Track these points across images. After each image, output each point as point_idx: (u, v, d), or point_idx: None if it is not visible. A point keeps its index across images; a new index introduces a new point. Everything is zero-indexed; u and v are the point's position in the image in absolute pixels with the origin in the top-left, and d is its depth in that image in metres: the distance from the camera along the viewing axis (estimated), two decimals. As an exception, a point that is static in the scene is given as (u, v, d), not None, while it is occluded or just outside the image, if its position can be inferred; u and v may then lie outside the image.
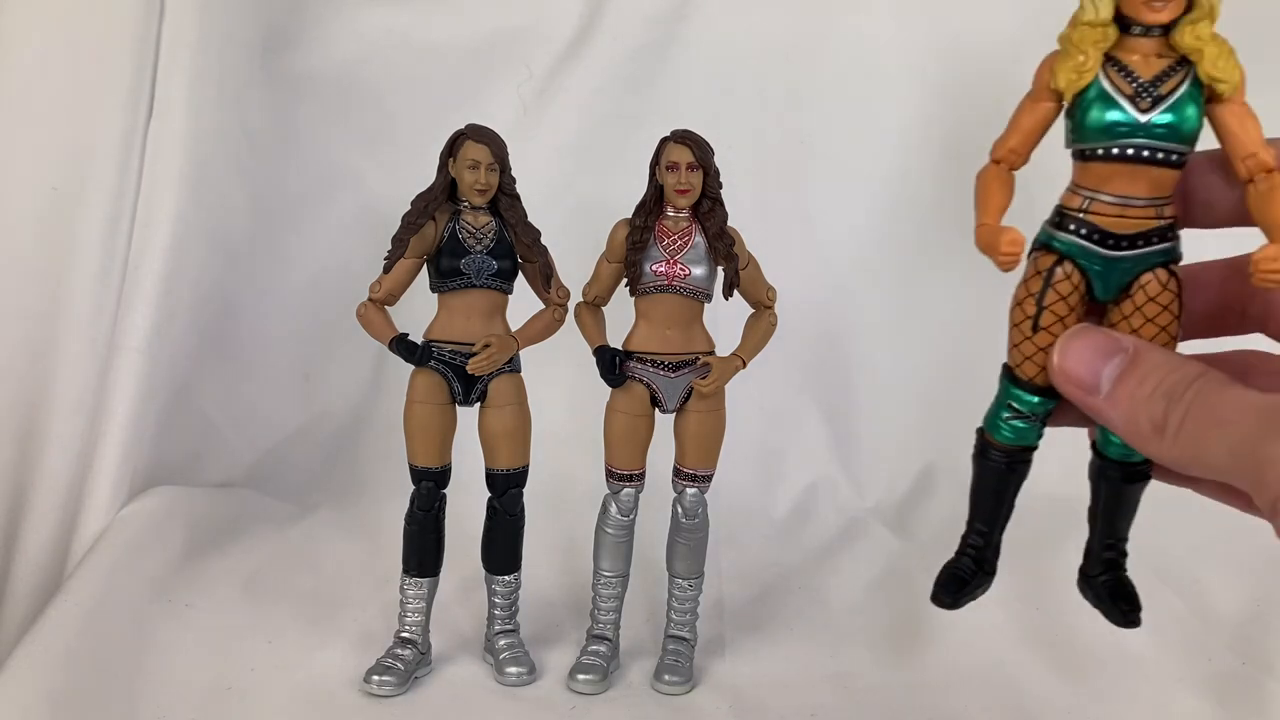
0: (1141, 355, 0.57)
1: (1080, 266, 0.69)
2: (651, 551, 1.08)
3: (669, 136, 0.96)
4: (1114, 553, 0.74)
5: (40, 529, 1.11)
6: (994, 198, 0.72)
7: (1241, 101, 0.67)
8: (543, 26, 1.54)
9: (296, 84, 1.48)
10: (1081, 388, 0.59)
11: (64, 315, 1.14)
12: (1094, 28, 0.67)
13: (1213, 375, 0.53)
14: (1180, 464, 0.52)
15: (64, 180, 1.13)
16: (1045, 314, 0.69)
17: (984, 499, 0.76)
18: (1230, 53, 0.66)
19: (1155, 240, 0.67)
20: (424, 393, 0.97)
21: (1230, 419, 0.49)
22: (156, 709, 0.88)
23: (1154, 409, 0.53)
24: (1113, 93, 0.67)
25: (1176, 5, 0.65)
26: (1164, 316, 0.67)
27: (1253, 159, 0.65)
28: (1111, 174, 0.67)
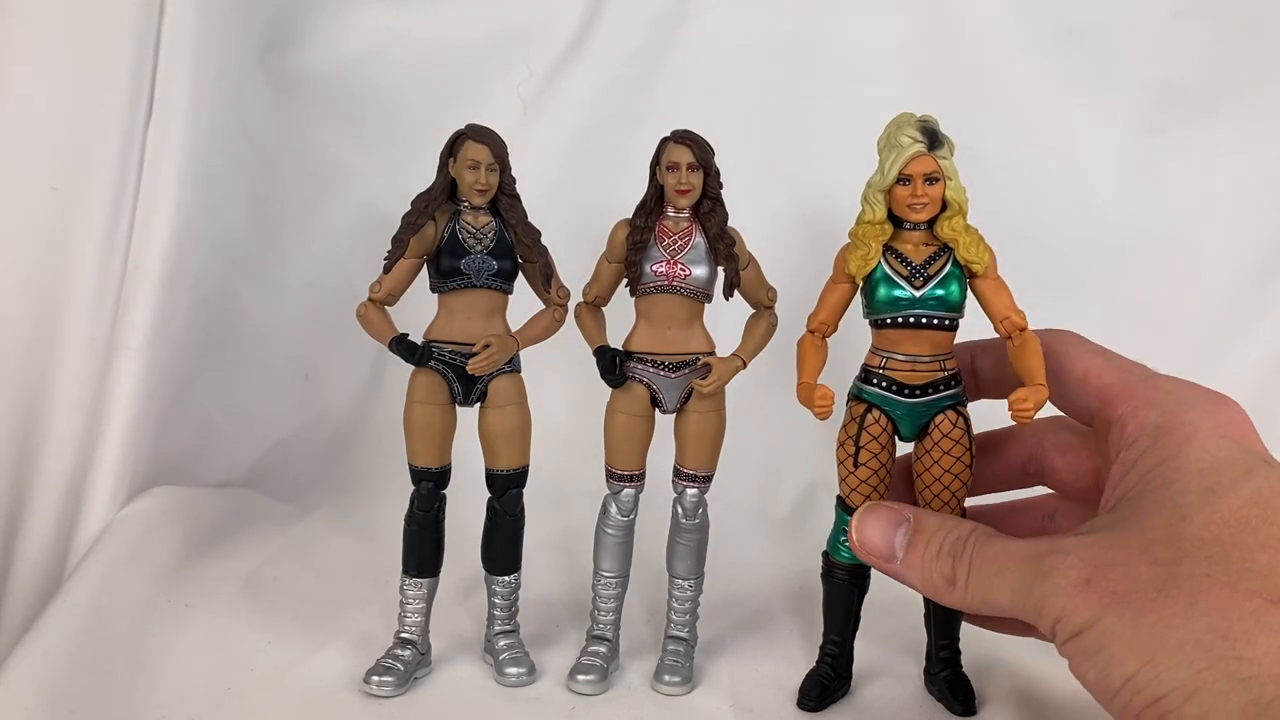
0: (921, 522, 0.68)
1: (885, 412, 0.87)
2: (651, 552, 1.08)
3: (669, 136, 0.96)
4: (948, 651, 0.91)
5: (40, 529, 1.11)
6: (809, 361, 0.90)
7: (995, 276, 0.85)
8: (543, 26, 1.54)
9: (296, 84, 1.48)
10: (880, 556, 0.70)
11: (64, 315, 1.14)
12: (872, 225, 0.86)
13: (981, 530, 0.63)
14: (974, 609, 0.62)
15: (63, 180, 1.13)
16: (862, 452, 0.87)
17: (834, 613, 0.94)
18: (979, 240, 0.84)
19: (942, 388, 0.85)
20: (424, 393, 0.97)
21: (1006, 567, 0.58)
22: (156, 709, 0.88)
23: (943, 566, 0.63)
24: (893, 275, 0.85)
25: (933, 207, 0.85)
26: (956, 449, 0.84)
27: (1007, 320, 0.83)
28: (900, 338, 0.86)
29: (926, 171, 0.83)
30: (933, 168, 0.83)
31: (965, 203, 0.84)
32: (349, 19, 1.51)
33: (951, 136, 0.85)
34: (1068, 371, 0.71)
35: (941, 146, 0.84)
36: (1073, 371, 0.70)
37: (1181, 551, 0.50)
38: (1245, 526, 0.50)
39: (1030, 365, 0.79)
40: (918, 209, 0.84)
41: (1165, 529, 0.51)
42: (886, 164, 0.85)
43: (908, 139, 0.84)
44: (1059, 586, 0.53)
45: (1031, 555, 0.56)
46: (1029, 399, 0.76)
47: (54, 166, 1.13)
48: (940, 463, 0.84)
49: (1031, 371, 0.79)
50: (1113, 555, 0.52)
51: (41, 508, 1.11)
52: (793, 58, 1.52)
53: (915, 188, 0.83)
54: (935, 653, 0.92)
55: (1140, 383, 0.63)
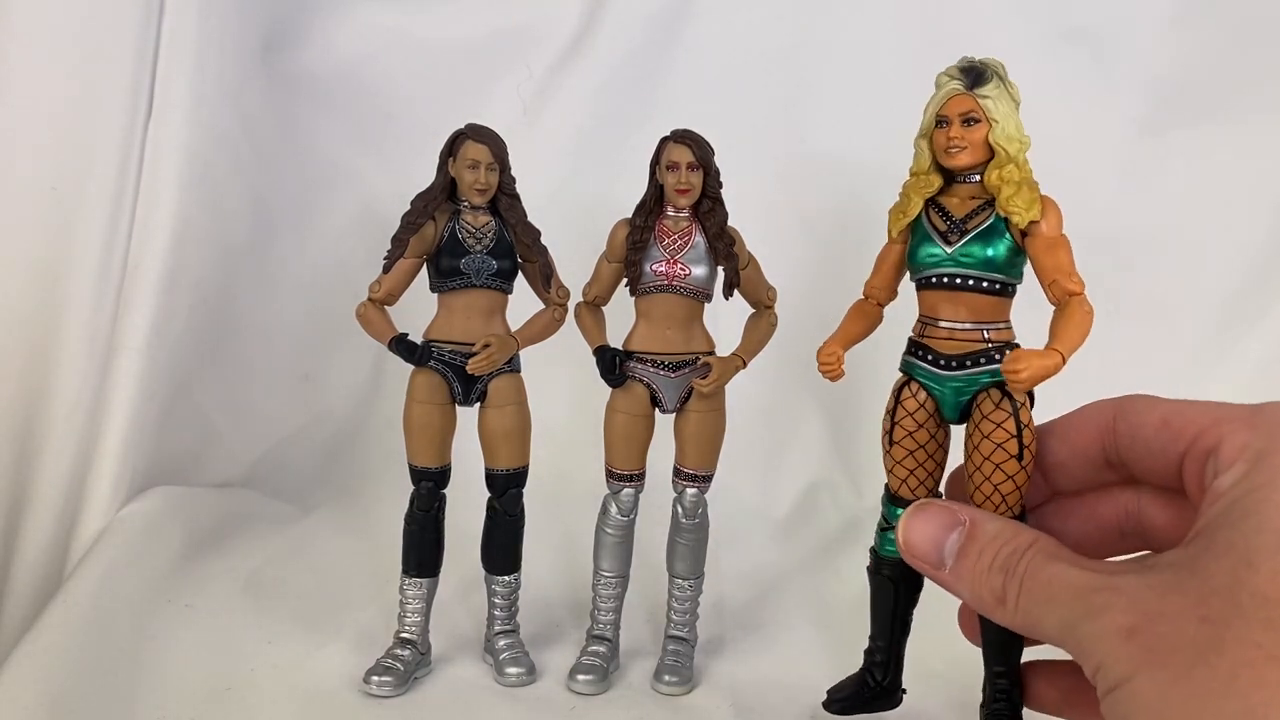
0: (978, 528, 0.59)
1: (926, 388, 0.78)
2: (651, 552, 1.08)
3: (669, 136, 0.96)
4: (1006, 681, 0.75)
5: (40, 529, 1.11)
6: (846, 325, 0.84)
7: (1053, 234, 0.75)
8: (543, 26, 1.54)
9: (296, 83, 1.48)
10: (927, 563, 0.61)
11: (64, 315, 1.14)
12: (917, 176, 0.79)
13: (1041, 546, 0.55)
14: (1023, 631, 0.55)
15: (63, 180, 1.13)
16: (897, 428, 0.79)
17: (879, 613, 0.84)
18: (1029, 190, 0.74)
19: (984, 361, 0.75)
20: (424, 393, 0.97)
21: (1056, 597, 0.52)
22: (156, 709, 0.88)
23: (993, 582, 0.56)
24: (930, 230, 0.77)
25: (972, 152, 0.76)
26: (999, 434, 0.72)
27: (1055, 284, 0.74)
28: (936, 301, 0.78)
29: (963, 112, 0.75)
30: (970, 107, 0.75)
31: (1019, 150, 0.75)
32: (349, 19, 1.51)
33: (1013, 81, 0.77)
34: (1142, 425, 0.59)
35: (985, 84, 0.75)
36: (1148, 423, 0.59)
37: (1237, 609, 0.42)
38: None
39: (1056, 328, 0.71)
40: (953, 153, 0.76)
41: (1227, 576, 0.44)
42: (928, 108, 0.79)
43: (945, 78, 0.77)
44: (1104, 631, 0.47)
45: (1084, 588, 0.50)
46: (1022, 360, 0.67)
47: (54, 166, 1.13)
48: (980, 449, 0.73)
49: (1054, 334, 0.70)
50: (1166, 605, 0.45)
51: (41, 508, 1.11)
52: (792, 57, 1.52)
53: (951, 129, 0.76)
54: (990, 681, 0.77)
55: (1238, 409, 0.54)
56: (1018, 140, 0.75)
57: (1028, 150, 0.75)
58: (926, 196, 0.78)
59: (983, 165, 0.76)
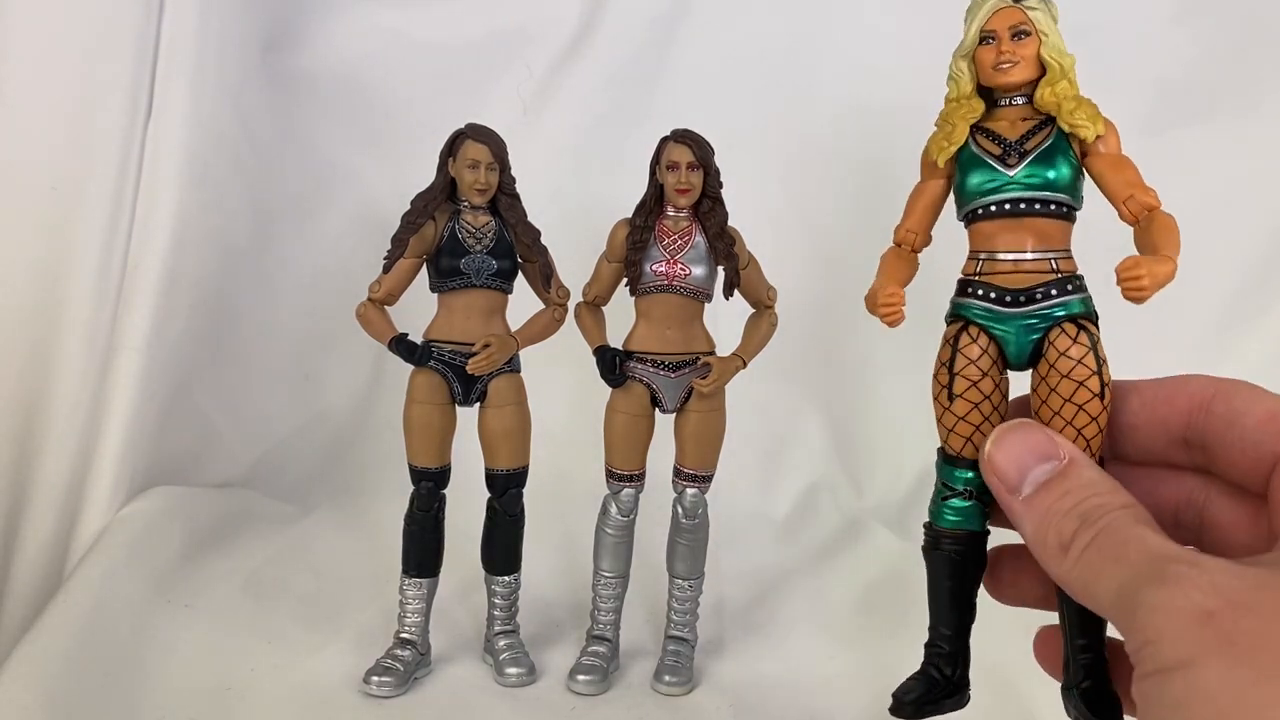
0: (1074, 468, 0.54)
1: (987, 330, 0.69)
2: (651, 552, 1.08)
3: (669, 136, 0.96)
4: (1089, 655, 0.66)
5: (40, 529, 1.11)
6: (891, 268, 0.75)
7: (1115, 152, 0.70)
8: (543, 26, 1.54)
9: (296, 83, 1.48)
10: (1004, 483, 0.56)
11: (63, 315, 1.14)
12: (959, 102, 0.72)
13: (1134, 511, 0.50)
14: (1075, 589, 0.50)
15: (63, 180, 1.13)
16: (958, 380, 0.70)
17: (940, 596, 0.73)
18: (1089, 105, 0.69)
19: (1055, 293, 0.68)
20: (424, 393, 0.97)
21: (1126, 556, 0.47)
22: (156, 709, 0.88)
23: (1065, 527, 0.51)
24: (982, 155, 0.70)
25: (1025, 68, 0.70)
26: (1079, 371, 0.65)
27: (1131, 200, 0.68)
28: (996, 231, 0.70)
29: (1012, 24, 0.70)
30: (1020, 19, 0.70)
31: (1070, 65, 0.70)
32: (349, 19, 1.51)
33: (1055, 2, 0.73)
34: (1245, 413, 0.54)
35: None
36: (1254, 412, 0.54)
37: None
38: None
39: (1157, 238, 0.65)
40: (1006, 69, 0.70)
41: None
42: (969, 24, 0.73)
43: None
44: (1171, 602, 0.41)
45: (1162, 555, 0.45)
46: (1141, 266, 0.61)
47: (54, 166, 1.13)
48: (1059, 390, 0.65)
49: (1157, 244, 0.65)
50: (1258, 598, 0.40)
51: (41, 508, 1.11)
52: (792, 57, 1.52)
53: (1001, 44, 0.70)
54: (1073, 656, 0.67)
55: None
56: (1068, 55, 0.70)
57: (1075, 65, 0.71)
58: (972, 122, 0.72)
59: (1032, 84, 0.70)
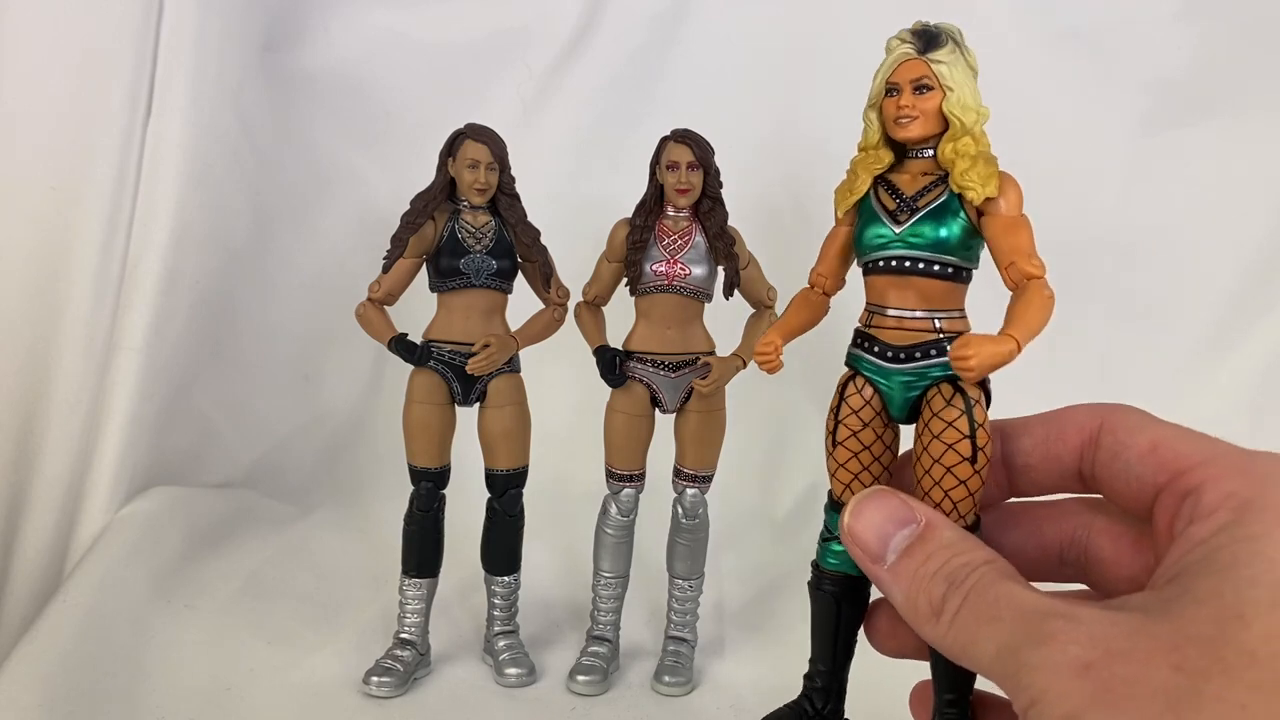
0: (932, 531, 0.54)
1: (873, 383, 0.70)
2: (651, 552, 1.08)
3: (669, 135, 0.96)
4: (956, 710, 0.67)
5: (39, 529, 1.11)
6: (789, 315, 0.77)
7: (1010, 214, 0.68)
8: (543, 26, 1.54)
9: (296, 83, 1.48)
10: (867, 553, 0.55)
11: (63, 315, 1.14)
12: (866, 152, 0.72)
13: (997, 566, 0.50)
14: (952, 653, 0.49)
15: (62, 180, 1.13)
16: (840, 428, 0.71)
17: (821, 634, 0.76)
18: (985, 165, 0.67)
19: (934, 353, 0.68)
20: (423, 393, 0.97)
21: (1000, 616, 0.46)
22: (155, 709, 0.88)
23: (934, 591, 0.50)
24: (878, 209, 0.70)
25: (924, 123, 0.69)
26: (950, 434, 0.64)
27: (1012, 267, 0.66)
28: (885, 286, 0.70)
29: (915, 78, 0.68)
30: (923, 73, 0.68)
31: (976, 121, 0.68)
32: (349, 19, 1.51)
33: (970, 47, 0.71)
34: (1128, 445, 0.54)
35: (939, 49, 0.69)
36: (1135, 444, 0.54)
37: (1220, 664, 0.38)
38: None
39: (1013, 312, 0.64)
40: (904, 124, 0.69)
41: (1211, 627, 0.40)
42: (875, 75, 0.72)
43: (896, 41, 0.71)
44: (1051, 660, 0.42)
45: (1036, 611, 0.45)
46: (970, 347, 0.59)
47: (54, 166, 1.13)
48: (930, 450, 0.65)
49: (1009, 318, 0.63)
50: (1131, 645, 0.41)
51: (41, 508, 1.11)
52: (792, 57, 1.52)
53: (902, 98, 0.69)
54: (940, 710, 0.69)
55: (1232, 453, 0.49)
56: (974, 110, 0.68)
57: (986, 121, 0.69)
58: (876, 173, 0.71)
59: (936, 138, 0.69)
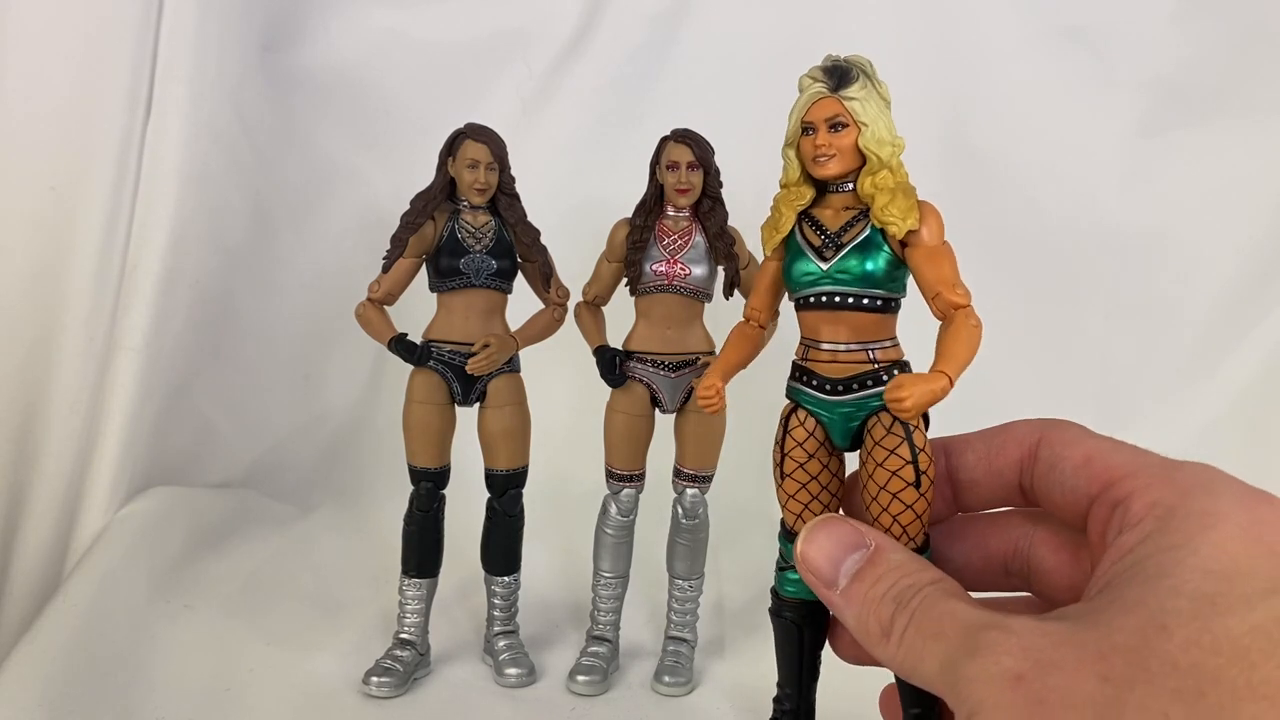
0: (880, 554, 0.56)
1: (814, 415, 0.72)
2: (651, 552, 1.08)
3: (669, 135, 0.96)
4: None
5: (38, 529, 1.11)
6: (726, 353, 0.80)
7: (934, 243, 0.69)
8: (543, 26, 1.54)
9: (296, 83, 1.48)
10: (820, 578, 0.57)
11: (62, 315, 1.14)
12: (788, 188, 0.73)
13: (943, 585, 0.52)
14: (903, 671, 0.51)
15: (62, 180, 1.13)
16: (787, 460, 0.73)
17: (785, 658, 0.78)
18: (904, 197, 0.68)
19: (870, 384, 0.70)
20: (423, 393, 0.97)
21: (942, 632, 0.48)
22: (155, 710, 0.88)
23: (883, 612, 0.52)
24: (804, 246, 0.72)
25: (841, 160, 0.70)
26: (892, 461, 0.66)
27: (939, 298, 0.68)
28: (816, 321, 0.72)
29: (829, 116, 0.69)
30: (836, 111, 0.69)
31: (890, 155, 0.69)
32: (349, 19, 1.51)
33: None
34: (1064, 457, 0.56)
35: (851, 85, 0.69)
36: (1070, 457, 0.56)
37: (1144, 673, 0.40)
38: (1242, 660, 0.39)
39: (943, 347, 0.65)
40: (823, 162, 0.70)
41: (1135, 637, 0.41)
42: (791, 114, 0.72)
43: (808, 80, 0.71)
44: (985, 672, 0.43)
45: (973, 625, 0.46)
46: (904, 388, 0.61)
47: (54, 166, 1.13)
48: (875, 478, 0.67)
49: (941, 351, 0.65)
50: (1061, 655, 0.42)
51: (40, 508, 1.11)
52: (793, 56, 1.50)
53: (818, 136, 0.69)
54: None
55: (1159, 464, 0.51)
56: (889, 143, 0.69)
57: (901, 153, 0.70)
58: (799, 209, 0.73)
59: (855, 173, 0.70)
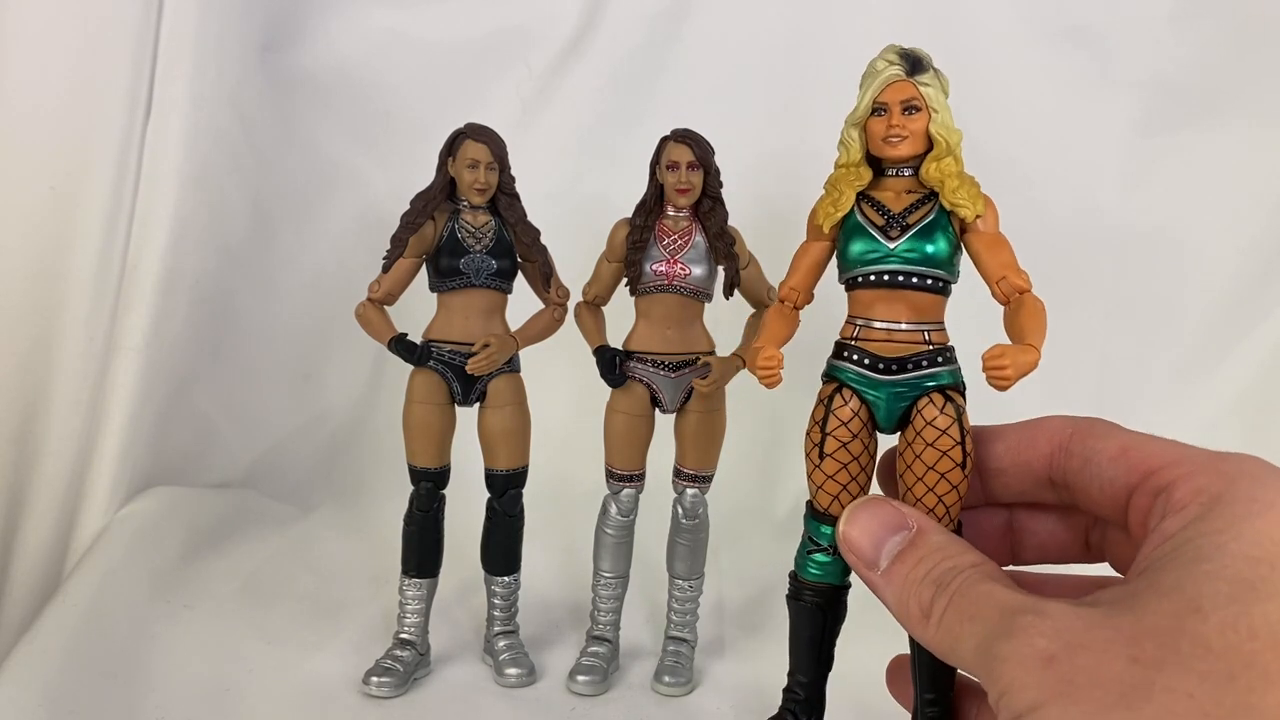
0: (923, 536, 0.56)
1: (860, 394, 0.72)
2: (651, 552, 1.08)
3: (669, 135, 0.96)
4: (936, 710, 0.69)
5: (39, 529, 1.11)
6: (771, 328, 0.78)
7: (993, 231, 0.72)
8: (543, 25, 1.54)
9: (296, 83, 1.48)
10: (862, 559, 0.58)
11: (62, 315, 1.14)
12: (847, 169, 0.74)
13: (983, 568, 0.52)
14: (941, 653, 0.52)
15: (62, 180, 1.13)
16: (828, 440, 0.73)
17: (800, 644, 0.77)
18: (971, 184, 0.71)
19: (926, 364, 0.71)
20: (423, 393, 0.97)
21: (980, 614, 0.48)
22: (155, 710, 0.88)
23: (923, 594, 0.52)
24: (866, 225, 0.72)
25: (914, 143, 0.71)
26: (943, 441, 0.67)
27: (1004, 281, 0.70)
28: (874, 300, 0.72)
29: (904, 99, 0.71)
30: (912, 94, 0.71)
31: (956, 142, 0.71)
32: (349, 19, 1.51)
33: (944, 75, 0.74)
34: (1099, 450, 0.56)
35: (924, 72, 0.71)
36: (1105, 449, 0.55)
37: (1175, 655, 0.39)
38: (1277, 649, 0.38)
39: (1024, 324, 0.67)
40: (894, 142, 0.71)
41: (1169, 619, 0.41)
42: (862, 93, 0.73)
43: (884, 63, 0.72)
44: (1018, 652, 0.44)
45: (1010, 608, 0.47)
46: (1006, 356, 0.63)
47: (54, 166, 1.13)
48: (923, 458, 0.68)
49: (1023, 330, 0.66)
50: (1093, 636, 0.42)
51: (40, 508, 1.11)
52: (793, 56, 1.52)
53: (891, 117, 0.71)
54: (921, 709, 0.71)
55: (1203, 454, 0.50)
56: (956, 132, 0.71)
57: (961, 142, 0.72)
58: (859, 189, 0.74)
59: (919, 158, 0.72)
